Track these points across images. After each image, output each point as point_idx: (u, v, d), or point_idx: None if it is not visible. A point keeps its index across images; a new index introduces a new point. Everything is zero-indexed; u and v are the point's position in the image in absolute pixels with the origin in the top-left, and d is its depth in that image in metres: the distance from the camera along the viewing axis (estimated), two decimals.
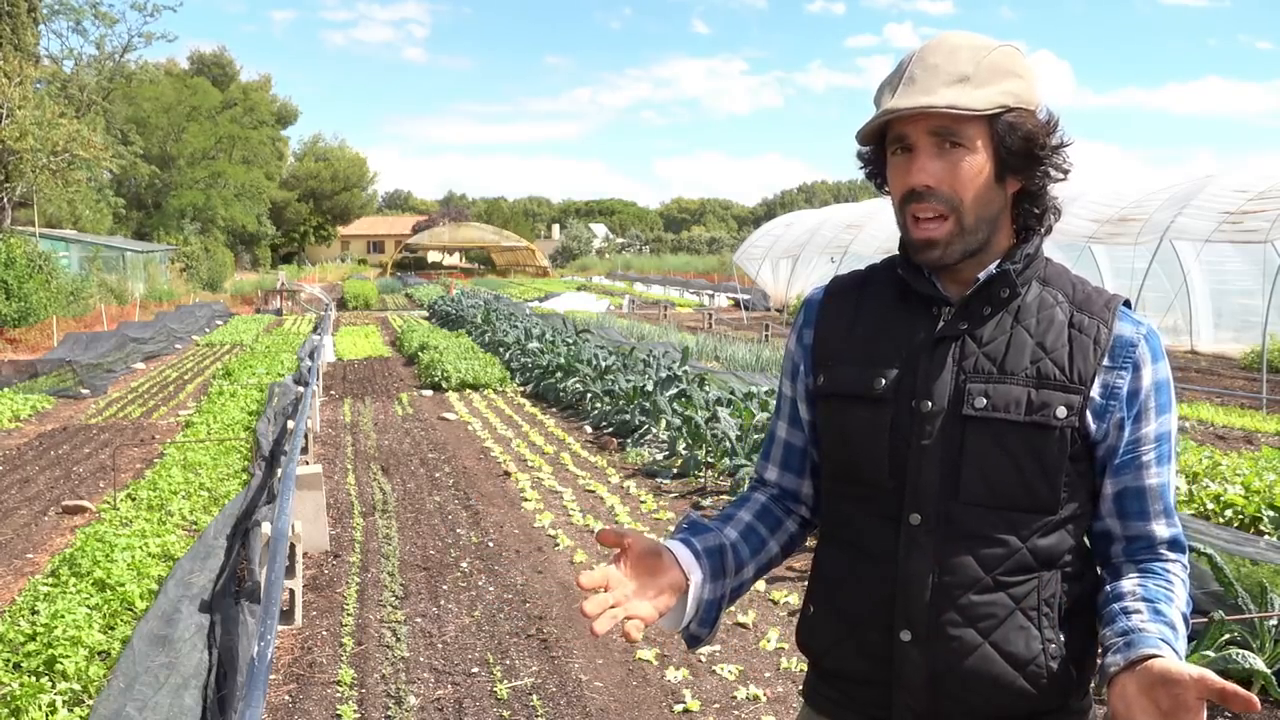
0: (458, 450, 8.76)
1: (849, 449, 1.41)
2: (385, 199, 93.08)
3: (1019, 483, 1.31)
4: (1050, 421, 1.31)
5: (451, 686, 4.00)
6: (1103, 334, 1.34)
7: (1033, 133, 1.33)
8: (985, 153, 1.32)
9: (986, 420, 1.32)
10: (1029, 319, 1.36)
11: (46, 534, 6.24)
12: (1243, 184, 13.27)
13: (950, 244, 1.33)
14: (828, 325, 1.48)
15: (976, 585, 1.32)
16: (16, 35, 28.76)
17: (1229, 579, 3.92)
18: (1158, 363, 1.35)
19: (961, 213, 1.32)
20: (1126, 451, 1.35)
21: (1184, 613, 1.32)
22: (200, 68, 55.96)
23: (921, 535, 1.34)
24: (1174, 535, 1.38)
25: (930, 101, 1.28)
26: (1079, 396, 1.32)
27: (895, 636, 1.35)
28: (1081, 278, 1.43)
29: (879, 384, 1.38)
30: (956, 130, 1.30)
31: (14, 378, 13.14)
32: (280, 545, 4.02)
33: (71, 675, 3.65)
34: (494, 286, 38.59)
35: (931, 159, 1.32)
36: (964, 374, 1.34)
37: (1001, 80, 1.31)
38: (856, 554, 1.40)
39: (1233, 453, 7.59)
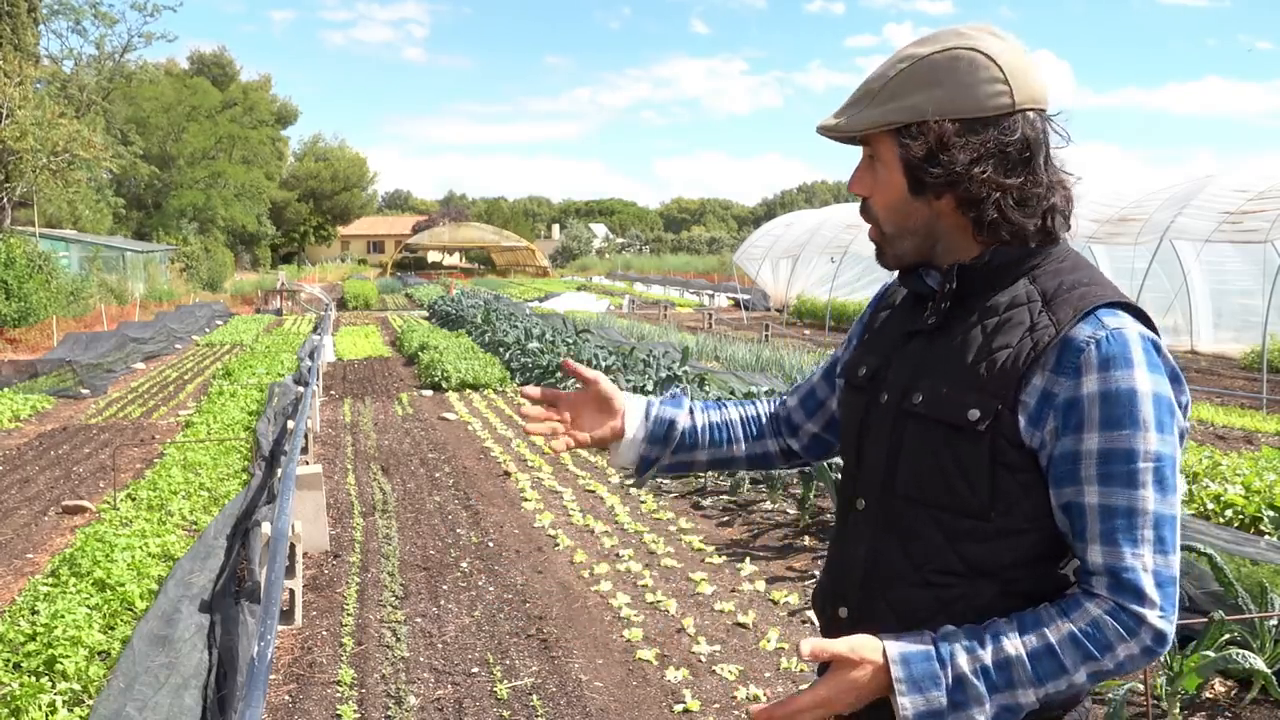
0: (458, 450, 8.76)
1: (840, 430, 1.55)
2: (385, 199, 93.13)
3: (942, 482, 1.31)
4: (961, 422, 1.27)
5: (451, 686, 4.00)
6: (1047, 336, 1.25)
7: (934, 148, 1.28)
8: (893, 167, 1.34)
9: (918, 416, 1.34)
10: (991, 318, 1.32)
11: (46, 534, 6.24)
12: (1243, 184, 13.27)
13: (887, 247, 1.41)
14: (875, 311, 1.56)
15: (906, 579, 1.34)
16: (16, 35, 28.75)
17: (1229, 579, 3.92)
18: (1112, 371, 1.20)
19: (880, 223, 1.40)
20: (1064, 463, 1.24)
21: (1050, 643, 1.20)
22: (200, 68, 55.96)
23: (864, 520, 1.40)
24: (1113, 567, 1.20)
25: (821, 124, 1.39)
26: (996, 401, 1.25)
27: (837, 613, 1.43)
28: (1085, 278, 1.31)
29: (860, 373, 1.47)
30: (873, 144, 1.36)
31: (14, 378, 13.14)
32: (280, 545, 4.02)
33: (71, 675, 3.65)
34: (494, 286, 38.59)
35: (865, 171, 1.39)
36: (920, 369, 1.37)
37: (910, 95, 1.29)
38: (834, 533, 1.52)
39: (1233, 453, 7.59)
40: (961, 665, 1.21)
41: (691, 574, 5.34)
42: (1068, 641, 1.20)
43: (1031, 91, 1.30)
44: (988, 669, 1.21)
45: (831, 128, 1.38)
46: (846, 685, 1.24)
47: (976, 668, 1.21)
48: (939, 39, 1.32)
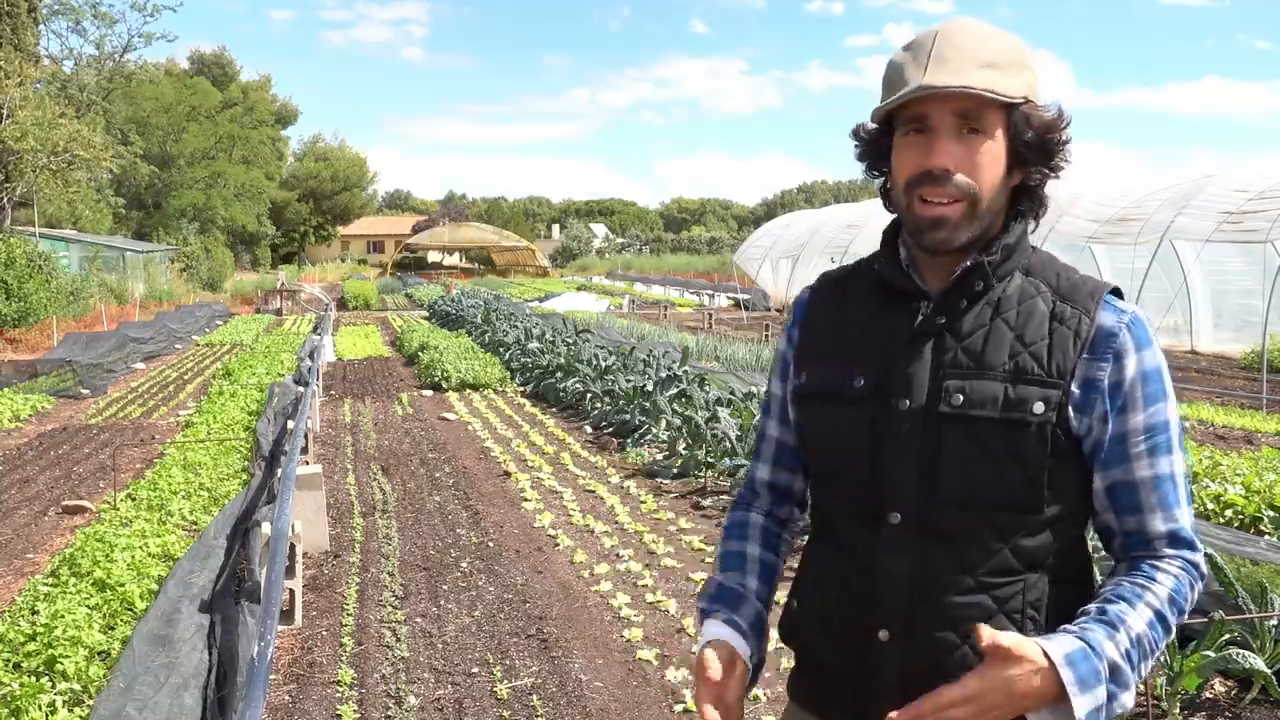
0: (458, 450, 8.76)
1: (830, 448, 1.40)
2: (385, 199, 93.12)
3: (998, 482, 1.28)
4: (1027, 418, 1.27)
5: (451, 686, 4.00)
6: (1084, 325, 1.30)
7: (1048, 125, 1.32)
8: (1001, 142, 1.30)
9: (963, 417, 1.29)
10: (1009, 311, 1.33)
11: (46, 534, 6.24)
12: (1243, 184, 13.27)
13: (959, 227, 1.31)
14: (812, 324, 1.48)
15: (958, 586, 1.30)
16: (16, 35, 28.74)
17: (1229, 579, 3.92)
18: (1143, 351, 1.30)
19: (977, 199, 1.30)
20: (1114, 445, 1.30)
21: (1159, 609, 1.26)
22: (200, 68, 55.94)
23: (901, 534, 1.32)
24: (1172, 530, 1.31)
25: (967, 82, 1.26)
26: (1058, 391, 1.28)
27: (874, 636, 1.33)
28: (1069, 266, 1.40)
29: (857, 382, 1.37)
30: (980, 116, 1.29)
31: (14, 378, 13.14)
32: (280, 545, 4.02)
33: (71, 675, 3.65)
34: (494, 286, 38.59)
35: (953, 142, 1.29)
36: (942, 369, 1.32)
37: (1022, 71, 1.30)
38: (839, 552, 1.39)
39: (1233, 453, 7.59)
40: (1111, 654, 1.20)
41: (692, 574, 5.34)
42: (1167, 605, 1.27)
43: None
44: (1129, 651, 1.22)
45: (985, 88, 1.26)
46: (1000, 683, 1.16)
47: (1122, 652, 1.21)
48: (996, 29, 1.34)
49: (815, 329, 1.47)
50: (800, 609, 1.47)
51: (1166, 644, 1.28)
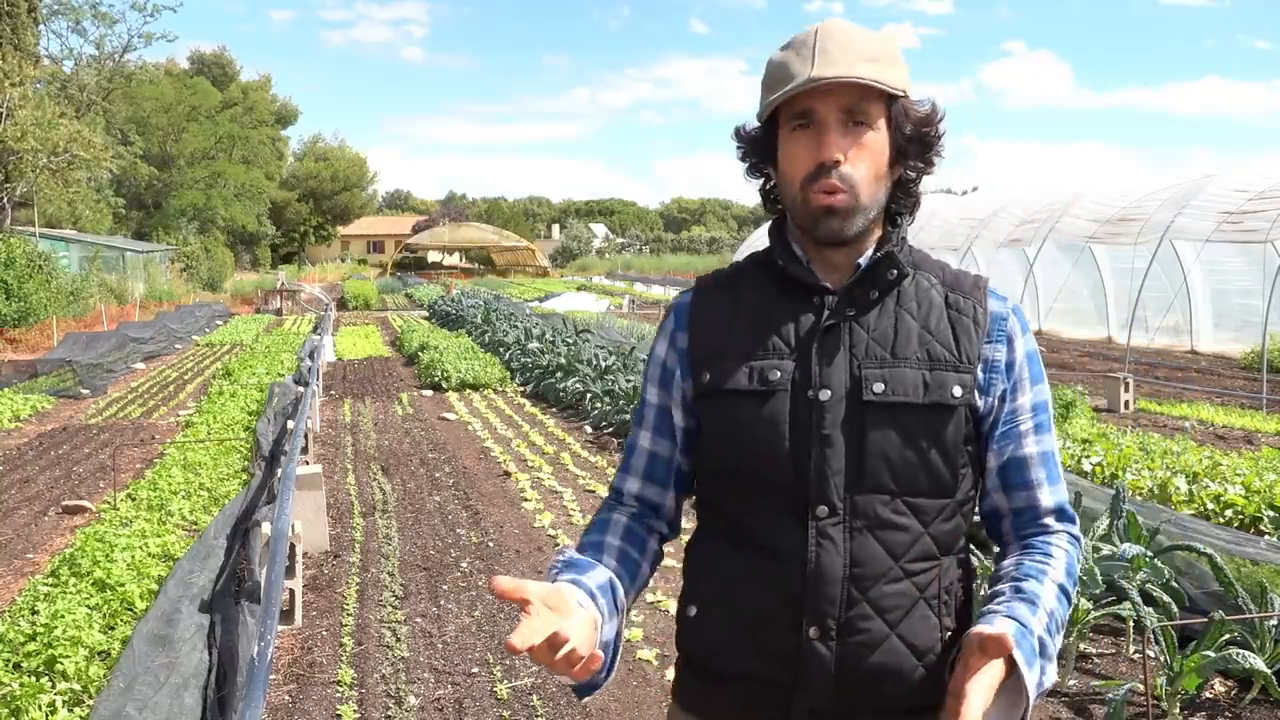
0: (458, 450, 8.76)
1: (744, 445, 1.35)
2: (385, 199, 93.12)
3: (921, 467, 1.31)
4: (949, 401, 1.32)
5: (451, 686, 4.00)
6: (979, 312, 1.37)
7: (925, 119, 1.35)
8: (885, 134, 1.33)
9: (886, 405, 1.31)
10: (910, 303, 1.37)
11: (46, 534, 6.24)
12: (1243, 184, 13.28)
13: (849, 217, 1.32)
14: (703, 325, 1.43)
15: (886, 575, 1.31)
16: (16, 35, 28.74)
17: (1229, 579, 3.92)
18: (1026, 334, 1.40)
19: (860, 190, 1.32)
20: (1006, 422, 1.37)
21: (1061, 583, 1.33)
22: (200, 68, 55.95)
23: (830, 528, 1.30)
24: (1059, 503, 1.39)
25: (855, 73, 1.28)
26: (969, 376, 1.34)
27: (803, 634, 1.30)
28: (943, 260, 1.46)
29: (773, 375, 1.34)
30: (865, 109, 1.31)
31: (14, 378, 13.14)
32: (280, 545, 4.02)
33: (71, 675, 3.65)
34: (494, 286, 38.59)
35: (841, 135, 1.31)
36: (857, 360, 1.33)
37: (898, 67, 1.33)
38: (753, 551, 1.34)
39: (1233, 453, 7.59)
40: (1038, 630, 1.25)
41: None
42: (1065, 578, 1.34)
43: None
44: (1049, 626, 1.27)
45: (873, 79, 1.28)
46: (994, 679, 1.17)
47: (1044, 628, 1.26)
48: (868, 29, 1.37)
49: (709, 329, 1.42)
50: (708, 615, 1.39)
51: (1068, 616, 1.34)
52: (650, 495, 1.48)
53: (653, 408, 1.47)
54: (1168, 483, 6.31)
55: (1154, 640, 3.85)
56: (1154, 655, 3.93)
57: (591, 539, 1.43)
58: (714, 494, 1.42)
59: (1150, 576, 4.06)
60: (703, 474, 1.45)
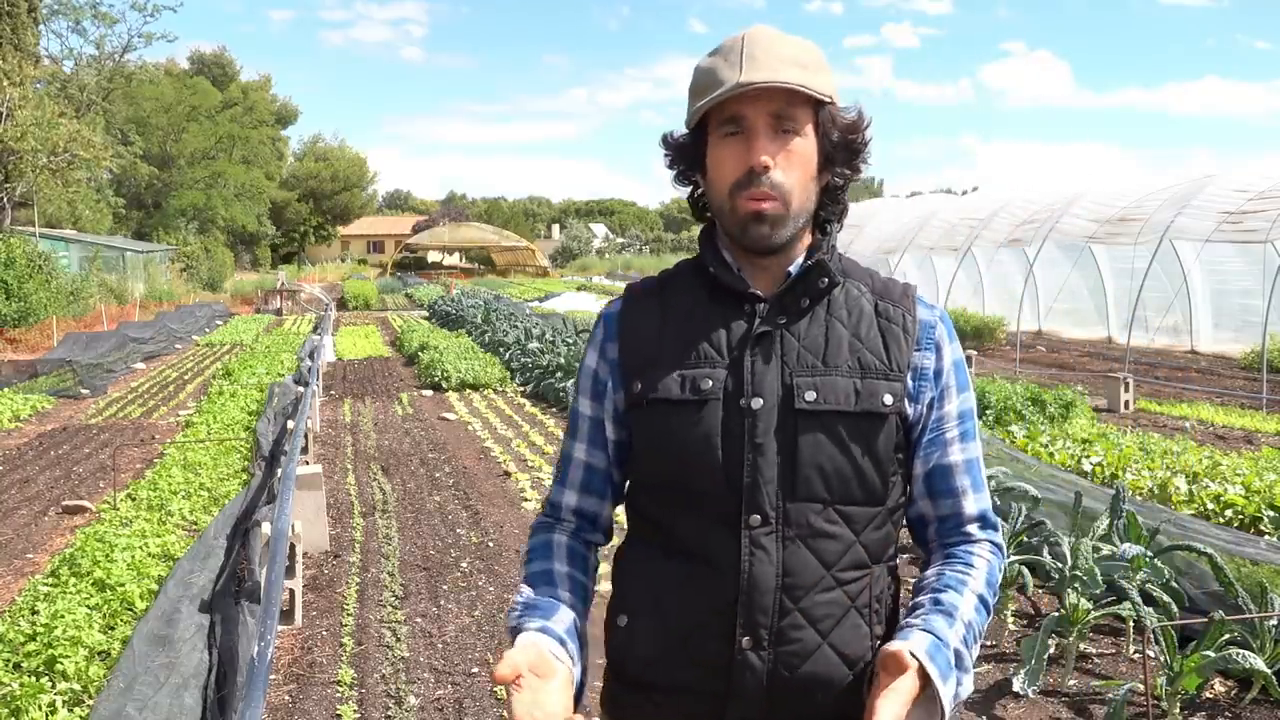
0: (458, 450, 8.76)
1: (677, 455, 1.33)
2: (385, 199, 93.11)
3: (853, 475, 1.31)
4: (880, 409, 1.32)
5: (451, 686, 4.00)
6: (909, 320, 1.38)
7: (851, 125, 1.35)
8: (813, 140, 1.32)
9: (818, 414, 1.30)
10: (840, 311, 1.37)
11: (46, 534, 6.24)
12: (1243, 184, 13.28)
13: (779, 224, 1.31)
14: (633, 334, 1.41)
15: (819, 584, 1.30)
16: (16, 35, 28.75)
17: (1229, 579, 3.92)
18: (953, 342, 1.40)
19: (791, 197, 1.31)
20: (933, 429, 1.38)
21: (980, 593, 1.33)
22: (200, 68, 55.94)
23: (763, 537, 1.29)
24: (982, 511, 1.40)
25: (783, 78, 1.27)
26: (900, 384, 1.34)
27: (735, 644, 1.29)
28: (872, 269, 1.46)
29: (705, 384, 1.33)
30: (793, 115, 1.30)
31: (14, 378, 13.14)
32: (280, 545, 4.02)
33: (71, 675, 3.65)
34: (494, 286, 38.59)
35: (770, 141, 1.30)
36: (789, 369, 1.32)
37: (825, 73, 1.33)
38: (686, 560, 1.33)
39: (1233, 453, 7.59)
40: (955, 642, 1.25)
41: None
42: (985, 588, 1.35)
43: None
44: (965, 638, 1.27)
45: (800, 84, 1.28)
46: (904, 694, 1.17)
47: (960, 639, 1.26)
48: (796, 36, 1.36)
49: (639, 339, 1.40)
50: (640, 625, 1.37)
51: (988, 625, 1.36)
52: (588, 507, 1.47)
53: (586, 419, 1.46)
54: (1168, 483, 6.31)
55: (1154, 640, 3.85)
56: (1154, 655, 3.93)
57: (540, 568, 1.42)
58: (647, 504, 1.41)
59: (1150, 576, 4.06)
60: (635, 484, 1.44)
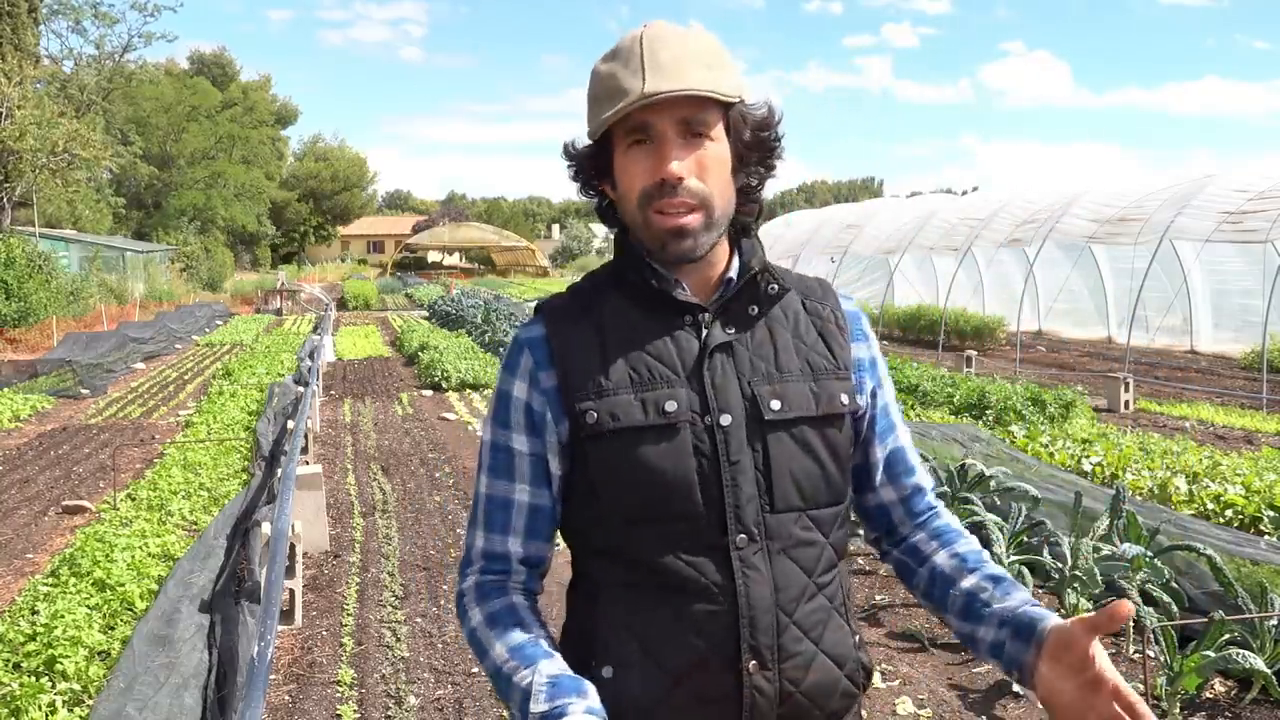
0: (458, 450, 8.76)
1: (649, 484, 1.25)
2: (385, 199, 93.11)
3: (822, 478, 1.30)
4: (839, 409, 1.32)
5: (451, 686, 4.00)
6: (839, 315, 1.38)
7: (762, 123, 1.30)
8: (724, 144, 1.27)
9: (786, 422, 1.28)
10: (776, 314, 1.34)
11: (46, 534, 6.23)
12: (1243, 184, 13.27)
13: (700, 235, 1.25)
14: (571, 358, 1.30)
15: (804, 593, 1.29)
16: (16, 35, 28.75)
17: (1229, 579, 3.92)
18: (873, 331, 1.45)
19: (711, 205, 1.25)
20: (882, 416, 1.41)
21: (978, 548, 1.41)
22: (200, 68, 55.95)
23: (752, 555, 1.25)
24: (930, 483, 1.47)
25: (690, 84, 1.20)
26: (849, 381, 1.35)
27: (743, 670, 1.24)
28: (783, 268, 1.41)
29: (669, 405, 1.25)
30: (703, 119, 1.24)
31: (14, 378, 13.14)
32: (280, 545, 4.02)
33: (71, 675, 3.65)
34: (494, 286, 38.59)
35: (681, 149, 1.23)
36: (746, 379, 1.29)
37: (731, 71, 1.27)
38: (679, 595, 1.25)
39: (1233, 453, 7.59)
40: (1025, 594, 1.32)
41: None
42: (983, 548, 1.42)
43: None
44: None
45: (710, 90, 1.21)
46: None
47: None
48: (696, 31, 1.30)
49: (579, 362, 1.29)
50: (629, 674, 1.27)
51: None
52: (534, 553, 1.34)
53: (524, 457, 1.32)
54: (1168, 483, 6.31)
55: (1154, 640, 3.85)
56: (1154, 655, 3.93)
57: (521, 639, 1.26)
58: (612, 541, 1.29)
59: (1150, 576, 4.06)
60: (591, 521, 1.31)
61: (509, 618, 1.29)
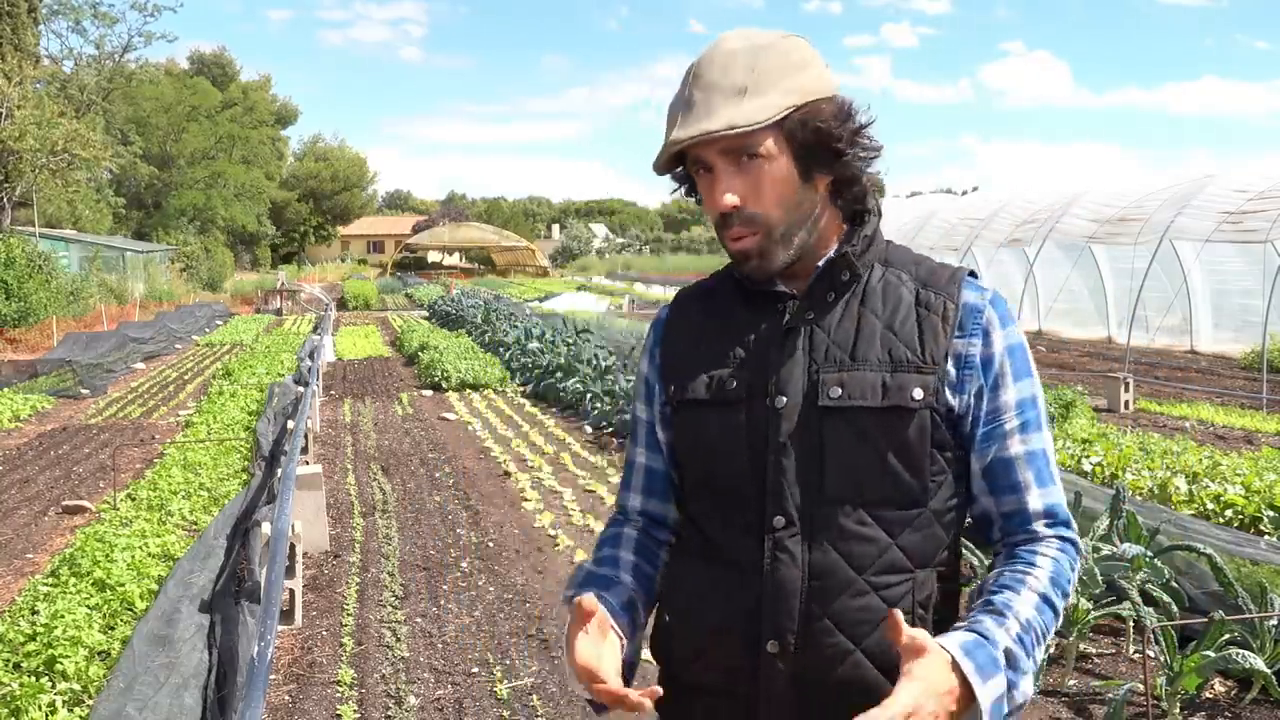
0: (458, 450, 8.76)
1: (706, 456, 1.34)
2: (385, 199, 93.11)
3: (883, 474, 1.26)
4: (908, 404, 1.26)
5: (451, 686, 4.00)
6: (949, 308, 1.30)
7: (825, 125, 1.27)
8: (784, 158, 1.27)
9: (844, 410, 1.26)
10: (875, 302, 1.32)
11: (46, 534, 6.24)
12: (1243, 184, 13.28)
13: (767, 255, 1.29)
14: (675, 338, 1.43)
15: (850, 589, 1.25)
16: (16, 35, 28.75)
17: (1229, 579, 3.92)
18: (1007, 327, 1.31)
19: (772, 224, 1.28)
20: (988, 421, 1.30)
21: (1043, 592, 1.24)
22: (200, 68, 55.96)
23: (787, 539, 1.27)
24: (1049, 506, 1.31)
25: (708, 127, 1.23)
26: (933, 377, 1.27)
27: (761, 648, 1.27)
28: (924, 256, 1.39)
29: (730, 384, 1.32)
30: (748, 143, 1.25)
31: (14, 378, 13.14)
32: (280, 545, 4.02)
33: (71, 675, 3.65)
34: (494, 286, 38.59)
35: (732, 177, 1.27)
36: (815, 364, 1.29)
37: (782, 79, 1.25)
38: (718, 563, 1.32)
39: (1233, 453, 7.59)
40: (1004, 641, 1.17)
41: None
42: (1051, 588, 1.25)
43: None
44: (1020, 637, 1.19)
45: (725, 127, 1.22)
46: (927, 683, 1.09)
47: (1013, 638, 1.18)
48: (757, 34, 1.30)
49: (678, 342, 1.42)
50: (676, 624, 1.38)
51: (1057, 627, 1.26)
52: (653, 510, 1.47)
53: (643, 423, 1.47)
54: (1168, 483, 6.31)
55: (1154, 640, 3.85)
56: (1154, 655, 3.93)
57: (606, 554, 1.43)
58: (688, 505, 1.41)
59: (1150, 576, 4.06)
60: (680, 485, 1.44)
61: (610, 540, 1.45)
